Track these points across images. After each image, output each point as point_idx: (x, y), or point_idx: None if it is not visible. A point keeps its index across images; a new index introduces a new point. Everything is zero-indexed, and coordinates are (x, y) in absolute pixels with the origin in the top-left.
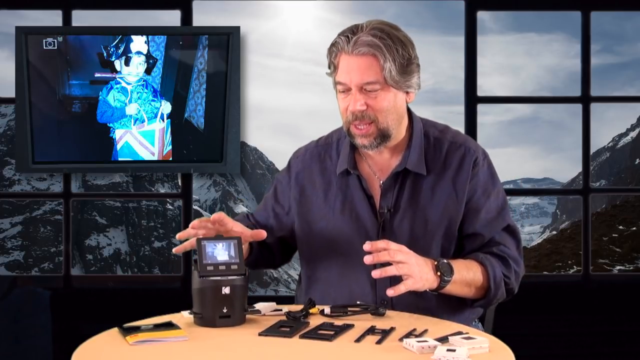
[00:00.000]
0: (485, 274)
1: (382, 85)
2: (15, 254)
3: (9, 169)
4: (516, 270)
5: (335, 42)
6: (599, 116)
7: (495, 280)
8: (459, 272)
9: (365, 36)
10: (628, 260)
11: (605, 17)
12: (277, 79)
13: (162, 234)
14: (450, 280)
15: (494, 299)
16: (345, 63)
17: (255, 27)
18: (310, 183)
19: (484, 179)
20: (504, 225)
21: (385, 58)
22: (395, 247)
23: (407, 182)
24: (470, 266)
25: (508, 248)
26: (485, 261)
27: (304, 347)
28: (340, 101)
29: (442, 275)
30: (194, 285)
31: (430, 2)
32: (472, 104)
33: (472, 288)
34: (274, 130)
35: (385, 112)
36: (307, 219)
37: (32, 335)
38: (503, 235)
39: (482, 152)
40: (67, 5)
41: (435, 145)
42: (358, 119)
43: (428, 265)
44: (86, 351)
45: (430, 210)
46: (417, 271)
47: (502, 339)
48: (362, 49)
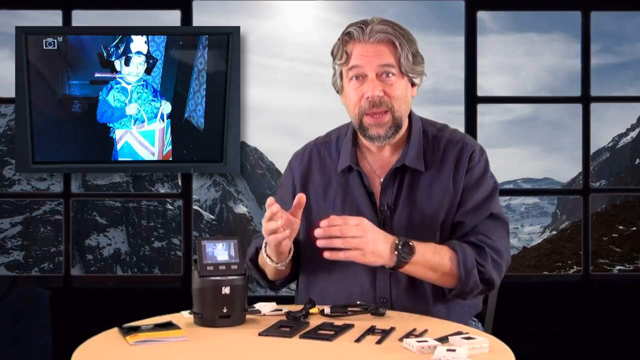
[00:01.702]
0: (455, 259)
1: (397, 72)
2: (15, 254)
3: (9, 169)
4: (495, 259)
5: (348, 32)
6: (599, 116)
7: (466, 266)
8: (422, 255)
9: (379, 26)
10: (628, 260)
11: (605, 17)
12: (277, 79)
13: (162, 234)
14: (407, 261)
15: (466, 287)
16: (360, 49)
17: (255, 27)
18: (310, 181)
19: (477, 174)
20: (487, 213)
21: (402, 45)
22: (355, 222)
23: (405, 179)
24: (439, 251)
25: (489, 238)
26: (457, 247)
27: (304, 347)
28: (352, 91)
29: (399, 254)
30: (194, 285)
31: (430, 2)
32: (472, 104)
33: (437, 273)
34: (274, 130)
35: (400, 101)
36: (307, 217)
37: (32, 335)
38: (486, 223)
39: (479, 149)
40: (67, 5)
41: (434, 143)
42: (375, 105)
43: (387, 242)
44: (86, 351)
45: (428, 206)
46: (369, 246)
47: (502, 339)
48: (378, 35)
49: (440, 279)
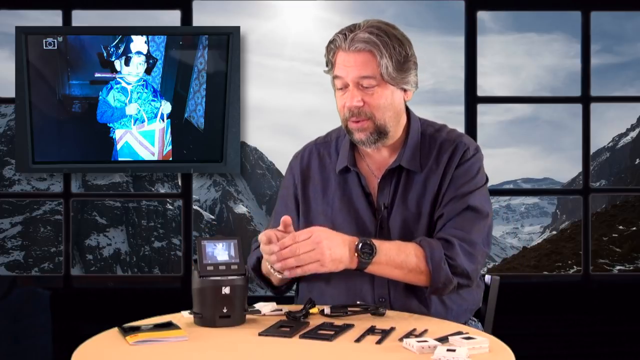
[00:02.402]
0: (423, 255)
1: (379, 82)
2: (15, 254)
3: (9, 169)
4: (468, 250)
5: (332, 39)
6: (599, 116)
7: (434, 260)
8: (386, 254)
9: (362, 34)
10: (628, 260)
11: (605, 17)
12: (277, 79)
13: (162, 234)
14: (369, 262)
15: (438, 282)
16: (342, 59)
17: (255, 27)
18: (310, 181)
19: (467, 170)
20: (464, 206)
21: (381, 54)
22: (304, 237)
23: (401, 180)
24: (404, 249)
25: (461, 230)
26: (423, 242)
27: (304, 347)
28: (337, 99)
29: (360, 256)
30: (194, 285)
31: (430, 2)
32: (472, 104)
33: (404, 270)
34: (274, 130)
35: (383, 109)
36: (306, 216)
37: (32, 335)
38: (462, 215)
39: (474, 148)
40: (67, 5)
41: (430, 143)
42: (354, 115)
43: (345, 245)
44: (86, 351)
45: (422, 206)
46: (325, 255)
47: (502, 339)
48: (358, 45)
49: (408, 276)
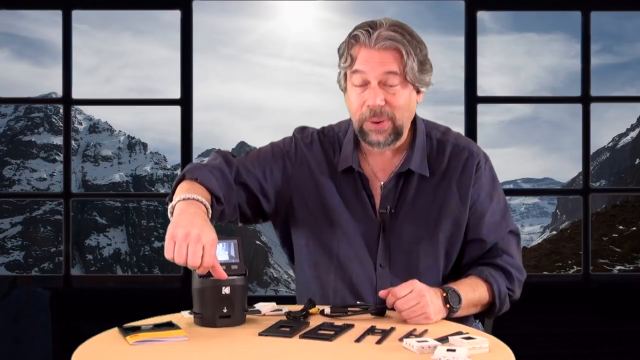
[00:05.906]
0: (491, 291)
1: (402, 81)
2: (15, 254)
3: (9, 169)
4: (519, 279)
5: (354, 34)
6: (599, 116)
7: (500, 296)
8: (466, 297)
9: (387, 31)
10: (628, 260)
11: (605, 17)
12: (277, 79)
13: (162, 234)
14: (459, 309)
15: (498, 312)
16: (365, 55)
17: (255, 27)
18: (310, 178)
19: (486, 183)
20: (507, 230)
21: (408, 53)
22: (405, 292)
23: (409, 183)
24: (476, 286)
25: (511, 256)
26: (490, 278)
27: (304, 347)
28: (354, 96)
29: (452, 306)
30: (194, 285)
31: (430, 2)
32: (472, 104)
33: (478, 307)
34: (274, 130)
35: (402, 110)
36: (305, 215)
37: (32, 335)
38: (507, 240)
39: (483, 156)
40: (67, 5)
41: (438, 148)
42: (376, 115)
43: (438, 297)
44: (86, 351)
45: (433, 213)
46: (430, 307)
47: (502, 339)
48: (385, 42)
49: (479, 311)
